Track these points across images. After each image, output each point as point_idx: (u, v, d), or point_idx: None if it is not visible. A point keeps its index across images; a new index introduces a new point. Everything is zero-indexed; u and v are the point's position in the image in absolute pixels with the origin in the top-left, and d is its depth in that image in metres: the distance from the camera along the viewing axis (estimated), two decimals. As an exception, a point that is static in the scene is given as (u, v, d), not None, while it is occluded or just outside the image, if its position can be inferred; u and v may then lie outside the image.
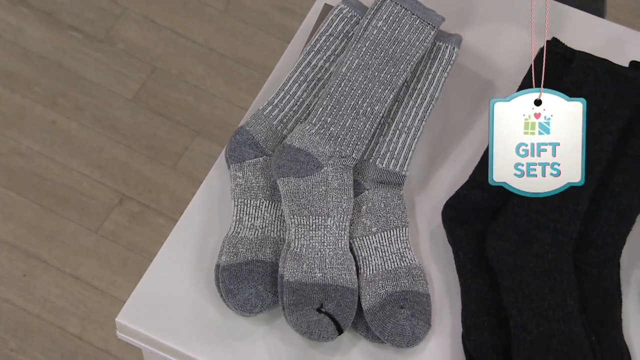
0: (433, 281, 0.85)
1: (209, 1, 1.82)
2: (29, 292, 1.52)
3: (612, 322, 0.81)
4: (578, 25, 0.99)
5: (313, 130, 0.87)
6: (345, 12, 0.92)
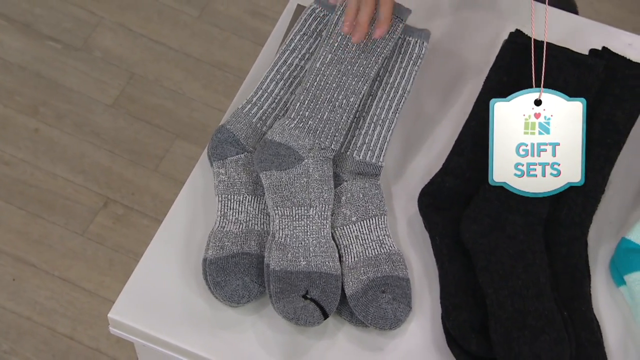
0: (412, 266, 0.85)
1: (183, 8, 1.81)
2: (19, 296, 1.50)
3: (582, 297, 0.82)
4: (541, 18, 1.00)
5: (292, 124, 0.87)
6: (317, 11, 0.92)
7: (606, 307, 0.83)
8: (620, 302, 0.84)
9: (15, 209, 1.58)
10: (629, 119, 0.87)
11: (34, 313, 1.49)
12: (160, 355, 0.83)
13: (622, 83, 0.87)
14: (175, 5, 1.81)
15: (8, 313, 1.49)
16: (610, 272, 0.85)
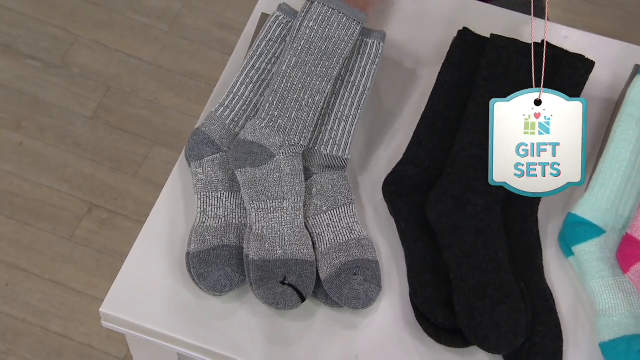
0: (380, 249, 0.86)
1: (153, 24, 1.79)
2: (13, 299, 1.48)
3: (535, 269, 0.83)
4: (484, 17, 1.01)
5: (263, 124, 0.87)
6: (281, 18, 0.92)
7: (557, 277, 0.84)
8: (570, 272, 0.85)
9: (5, 218, 1.56)
10: (571, 104, 0.88)
11: (27, 315, 1.47)
12: (151, 345, 0.82)
13: (561, 72, 0.88)
14: (147, 21, 1.80)
15: (3, 316, 1.46)
16: (559, 245, 0.86)
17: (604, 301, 0.81)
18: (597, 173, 0.86)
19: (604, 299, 0.81)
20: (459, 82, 0.89)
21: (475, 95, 0.87)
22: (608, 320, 0.80)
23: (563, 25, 1.02)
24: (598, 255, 0.83)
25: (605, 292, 0.81)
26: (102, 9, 1.81)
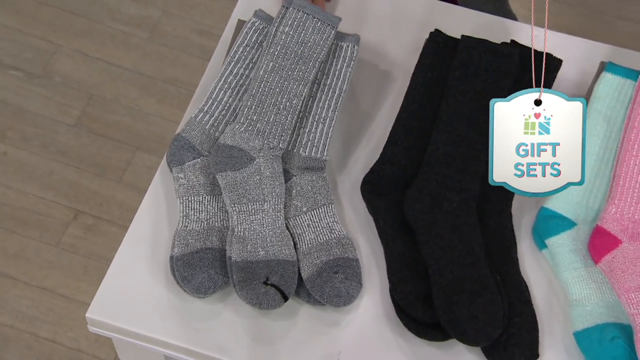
0: (360, 247, 0.85)
1: (133, 32, 1.78)
2: (1, 307, 1.46)
3: (510, 262, 0.84)
4: (455, 18, 1.01)
5: (242, 128, 0.87)
6: (257, 24, 0.91)
7: (532, 269, 0.85)
8: (544, 264, 0.85)
9: (-9, 227, 1.54)
10: (540, 101, 0.88)
11: (16, 321, 1.45)
12: (137, 348, 0.81)
13: (530, 70, 0.88)
14: (127, 29, 1.79)
15: (-8, 324, 1.44)
16: (533, 238, 0.87)
17: (576, 291, 0.81)
18: (568, 167, 0.87)
19: (576, 289, 0.82)
20: (432, 83, 0.89)
21: (447, 95, 0.87)
22: (581, 309, 0.80)
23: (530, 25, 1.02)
24: (570, 247, 0.83)
25: (578, 283, 0.82)
26: (82, 18, 1.79)
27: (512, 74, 0.87)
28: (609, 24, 1.83)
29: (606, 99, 0.87)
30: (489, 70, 0.86)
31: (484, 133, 0.86)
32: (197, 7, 1.83)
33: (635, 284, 0.79)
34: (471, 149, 0.85)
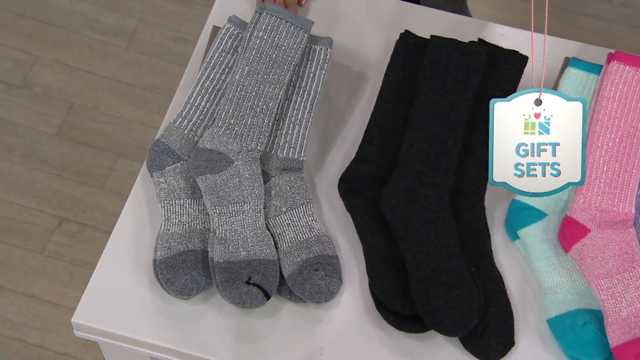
0: (339, 244, 0.85)
1: (111, 40, 1.77)
2: (-12, 315, 1.44)
3: (485, 254, 0.84)
4: (424, 19, 1.01)
5: (220, 132, 0.86)
6: (231, 30, 0.91)
7: (505, 260, 0.85)
8: (516, 254, 0.86)
9: (-24, 237, 1.52)
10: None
11: (4, 329, 1.43)
12: (123, 351, 0.81)
13: (499, 67, 0.89)
14: (105, 38, 1.77)
15: (-21, 332, 1.42)
16: (505, 230, 0.87)
17: (549, 280, 0.82)
18: (537, 160, 0.87)
19: (548, 277, 0.82)
20: (403, 82, 0.89)
21: (419, 94, 0.87)
22: (554, 297, 0.81)
23: (498, 24, 1.03)
24: (541, 237, 0.84)
25: (550, 271, 0.82)
26: (60, 29, 1.78)
27: (480, 72, 0.87)
28: (573, 20, 1.85)
29: (571, 93, 0.87)
30: (458, 69, 0.86)
31: (455, 129, 0.86)
32: (173, 15, 1.82)
33: (604, 270, 0.80)
34: (443, 145, 0.85)
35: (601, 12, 1.87)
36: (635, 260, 0.80)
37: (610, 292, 0.78)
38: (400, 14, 1.02)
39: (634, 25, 1.86)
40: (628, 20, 1.86)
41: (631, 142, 0.84)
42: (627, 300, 0.78)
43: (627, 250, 0.81)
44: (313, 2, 1.03)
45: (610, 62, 0.86)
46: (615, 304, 0.78)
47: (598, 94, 0.86)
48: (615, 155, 0.83)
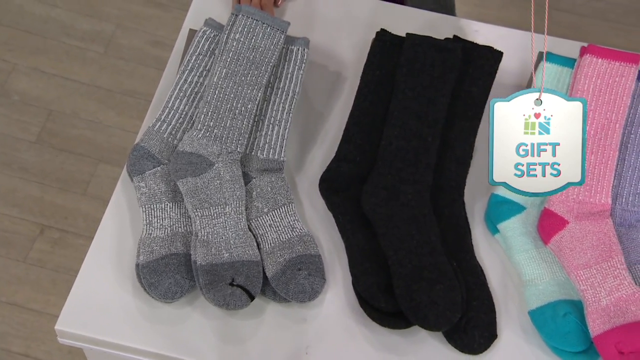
0: (321, 243, 0.85)
1: (88, 46, 1.75)
2: (-29, 325, 1.42)
3: (465, 248, 0.84)
4: (400, 17, 1.02)
5: (200, 135, 0.86)
6: (208, 32, 0.91)
7: (486, 254, 0.86)
8: (497, 248, 0.86)
9: (-43, 247, 1.50)
10: (484, 93, 0.89)
11: (-13, 339, 1.42)
12: (108, 356, 0.80)
13: (474, 63, 0.89)
14: (82, 44, 1.76)
15: (-37, 343, 1.41)
16: (485, 224, 0.88)
17: (529, 272, 0.83)
18: (514, 154, 0.88)
19: (529, 270, 0.83)
20: (381, 81, 0.89)
21: (397, 91, 0.87)
22: (534, 289, 0.82)
23: (473, 20, 1.04)
24: (521, 230, 0.85)
25: (530, 264, 0.83)
26: (37, 36, 1.76)
27: (456, 68, 0.87)
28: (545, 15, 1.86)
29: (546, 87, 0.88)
30: (434, 66, 0.87)
31: (433, 126, 0.87)
32: (150, 19, 1.81)
33: (583, 261, 0.80)
34: (422, 142, 0.86)
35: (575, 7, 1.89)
36: (612, 250, 0.81)
37: (590, 282, 0.79)
38: (375, 13, 1.02)
39: (608, 19, 1.88)
40: (602, 14, 1.88)
41: (606, 134, 0.84)
42: (606, 289, 0.78)
43: (604, 240, 0.81)
44: (289, 3, 1.03)
45: (583, 55, 0.87)
46: (595, 293, 0.78)
47: (572, 88, 0.86)
48: (590, 147, 0.84)
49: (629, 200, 0.85)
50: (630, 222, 0.84)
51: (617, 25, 1.86)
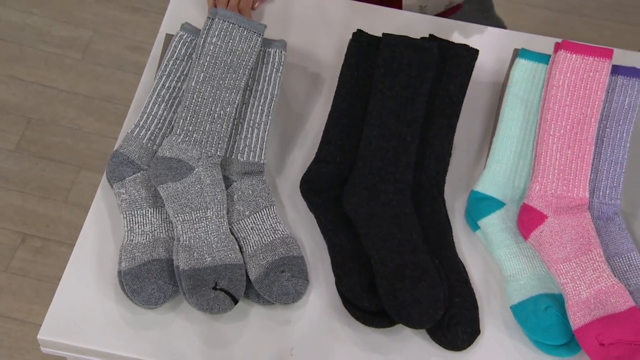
0: (304, 244, 0.85)
1: (66, 53, 1.74)
2: (-46, 337, 1.41)
3: (447, 246, 0.85)
4: (375, 18, 1.02)
5: (179, 139, 0.85)
6: (184, 37, 0.90)
7: (467, 251, 0.86)
8: (478, 244, 0.87)
9: (-63, 258, 1.48)
10: (461, 90, 0.90)
11: (-29, 350, 1.40)
12: (93, 364, 0.79)
13: (451, 62, 0.90)
14: (59, 51, 1.74)
15: (-54, 355, 1.39)
16: (466, 221, 0.88)
17: (510, 267, 0.83)
18: (492, 151, 0.88)
19: (510, 265, 0.83)
20: (358, 81, 0.89)
21: (375, 92, 0.87)
22: (516, 284, 0.82)
23: (448, 19, 1.04)
24: (501, 226, 0.85)
25: (511, 259, 0.83)
26: (13, 44, 1.74)
27: (433, 67, 0.88)
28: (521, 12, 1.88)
29: (522, 84, 0.89)
30: (411, 65, 0.87)
31: (412, 125, 0.87)
32: (128, 24, 1.80)
33: (562, 255, 0.81)
34: (402, 141, 0.86)
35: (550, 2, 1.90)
36: (591, 243, 0.81)
37: (570, 276, 0.79)
38: (351, 14, 1.02)
39: (582, 14, 1.89)
40: (576, 9, 1.90)
41: (582, 129, 0.85)
42: (586, 282, 0.79)
43: (583, 234, 0.82)
44: (265, 5, 1.03)
45: (558, 51, 0.87)
46: (575, 287, 0.79)
47: (548, 83, 0.87)
48: (567, 142, 0.85)
49: (606, 194, 0.86)
50: (608, 214, 0.85)
51: (592, 20, 1.88)
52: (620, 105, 0.87)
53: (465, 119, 0.92)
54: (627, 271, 0.82)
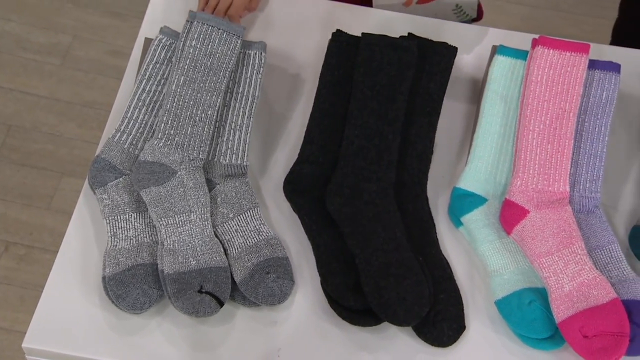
0: (288, 245, 0.85)
1: (45, 59, 1.73)
2: (-62, 348, 1.39)
3: (431, 243, 0.85)
4: (353, 17, 1.02)
5: (161, 143, 0.85)
6: (164, 41, 0.90)
7: (451, 247, 0.86)
8: (462, 240, 0.87)
9: None
10: (441, 88, 0.90)
11: (-44, 361, 1.39)
12: (79, 371, 0.79)
13: (430, 60, 0.90)
14: (38, 57, 1.73)
15: None
16: (449, 218, 0.89)
17: (494, 262, 0.84)
18: (473, 148, 0.89)
19: (493, 260, 0.84)
20: (339, 81, 0.90)
21: (355, 91, 0.88)
22: (499, 279, 0.82)
23: (426, 17, 1.04)
24: (484, 222, 0.86)
25: (494, 254, 0.84)
26: (-8, 51, 1.73)
27: (413, 65, 0.88)
28: (499, 8, 1.89)
29: (501, 80, 0.89)
30: (391, 64, 0.87)
31: (393, 123, 0.87)
32: (108, 29, 1.79)
33: (545, 249, 0.82)
34: (383, 140, 0.86)
35: (527, -1, 1.92)
36: (573, 236, 0.82)
37: (552, 270, 0.80)
38: (330, 14, 1.03)
39: (560, 9, 1.91)
40: (554, 4, 1.92)
41: (561, 124, 0.86)
42: (569, 275, 0.80)
43: (564, 227, 0.83)
44: (244, 7, 1.03)
45: (535, 47, 0.88)
46: (558, 280, 0.80)
47: (526, 79, 0.88)
48: (547, 137, 0.85)
49: (586, 187, 0.86)
50: (589, 208, 0.86)
51: (570, 16, 1.90)
52: (598, 99, 0.88)
53: (446, 116, 0.92)
54: (609, 263, 0.82)
